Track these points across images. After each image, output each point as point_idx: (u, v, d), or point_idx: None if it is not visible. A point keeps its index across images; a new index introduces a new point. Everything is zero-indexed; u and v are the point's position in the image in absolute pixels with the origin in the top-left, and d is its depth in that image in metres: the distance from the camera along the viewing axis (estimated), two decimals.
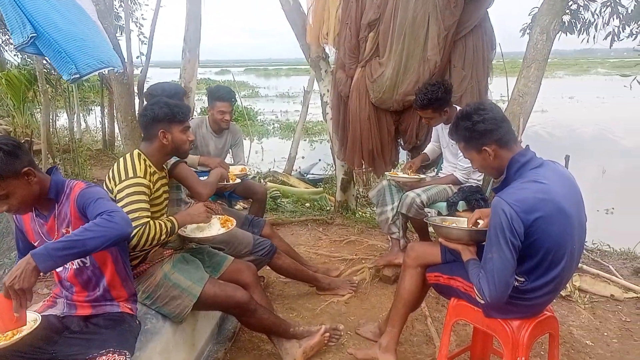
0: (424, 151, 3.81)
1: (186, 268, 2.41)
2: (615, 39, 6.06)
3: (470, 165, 3.35)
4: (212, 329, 2.83)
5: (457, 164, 3.42)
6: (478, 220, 2.19)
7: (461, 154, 3.32)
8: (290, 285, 3.49)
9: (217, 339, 2.85)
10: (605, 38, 6.18)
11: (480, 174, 3.47)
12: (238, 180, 3.34)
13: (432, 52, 3.81)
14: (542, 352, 2.73)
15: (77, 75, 3.48)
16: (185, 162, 2.74)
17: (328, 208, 5.85)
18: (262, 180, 7.15)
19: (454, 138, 2.12)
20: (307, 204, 6.07)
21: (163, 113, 2.32)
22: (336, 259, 3.99)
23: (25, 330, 1.73)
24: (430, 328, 2.96)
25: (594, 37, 6.28)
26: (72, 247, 1.65)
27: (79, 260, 1.95)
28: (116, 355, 1.76)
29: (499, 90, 5.78)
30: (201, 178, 2.83)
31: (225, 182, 3.16)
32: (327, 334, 2.66)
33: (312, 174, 8.97)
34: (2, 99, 7.97)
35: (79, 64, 3.47)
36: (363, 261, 3.87)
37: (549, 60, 3.76)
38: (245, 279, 2.61)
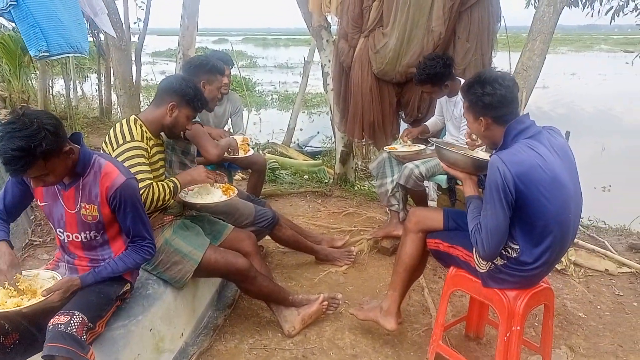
0: (425, 123, 3.78)
1: (187, 234, 2.43)
2: (617, 14, 6.00)
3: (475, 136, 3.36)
4: (212, 295, 2.86)
5: (459, 137, 3.41)
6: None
7: (464, 127, 3.34)
8: (289, 255, 3.52)
9: (217, 305, 2.89)
10: (606, 13, 6.11)
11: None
12: (250, 152, 3.37)
13: (437, 23, 3.75)
14: (535, 324, 2.79)
15: (47, 54, 3.44)
16: (201, 124, 2.74)
17: (326, 180, 5.85)
18: (260, 152, 7.12)
19: (462, 94, 2.12)
20: (306, 176, 6.06)
21: (186, 91, 2.33)
22: (335, 230, 4.02)
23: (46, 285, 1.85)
24: (427, 299, 3.00)
25: (598, 12, 6.20)
26: (115, 274, 1.98)
27: (92, 233, 2.00)
28: (62, 316, 1.75)
29: (502, 65, 5.70)
30: None
31: (234, 154, 3.18)
32: (326, 303, 2.70)
33: (311, 146, 8.92)
34: None
35: (51, 43, 3.42)
36: (361, 233, 3.90)
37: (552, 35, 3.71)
38: (245, 248, 2.63)
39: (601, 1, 6.06)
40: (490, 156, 2.00)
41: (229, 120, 3.94)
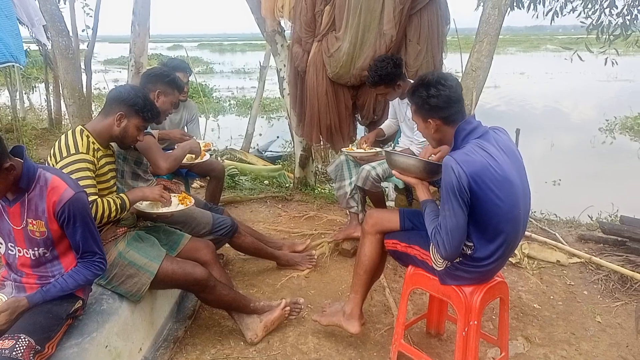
0: (380, 126, 3.83)
1: (141, 246, 2.36)
2: (557, 15, 6.31)
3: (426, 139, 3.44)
4: (171, 307, 2.80)
5: (413, 137, 3.47)
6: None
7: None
8: (250, 262, 3.48)
9: (177, 317, 2.82)
10: (547, 14, 6.41)
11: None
12: (207, 157, 3.31)
13: (388, 26, 3.81)
14: (493, 317, 2.86)
15: None
16: (153, 136, 2.67)
17: (287, 185, 5.84)
18: (219, 158, 7.03)
19: (408, 99, 2.16)
20: (266, 182, 6.03)
21: (135, 100, 2.27)
22: (296, 234, 4.01)
23: None
24: (389, 298, 3.03)
25: (544, 13, 6.48)
26: (65, 292, 1.91)
27: (40, 250, 1.93)
28: (6, 341, 1.68)
29: (454, 66, 5.87)
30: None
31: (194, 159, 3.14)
32: (288, 308, 2.68)
33: (270, 151, 8.90)
34: None
35: None
36: (322, 236, 3.90)
37: (500, 36, 3.85)
38: (203, 257, 2.59)
39: (543, 3, 6.33)
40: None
41: (185, 128, 3.88)
